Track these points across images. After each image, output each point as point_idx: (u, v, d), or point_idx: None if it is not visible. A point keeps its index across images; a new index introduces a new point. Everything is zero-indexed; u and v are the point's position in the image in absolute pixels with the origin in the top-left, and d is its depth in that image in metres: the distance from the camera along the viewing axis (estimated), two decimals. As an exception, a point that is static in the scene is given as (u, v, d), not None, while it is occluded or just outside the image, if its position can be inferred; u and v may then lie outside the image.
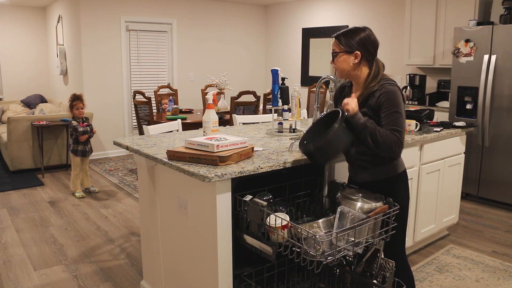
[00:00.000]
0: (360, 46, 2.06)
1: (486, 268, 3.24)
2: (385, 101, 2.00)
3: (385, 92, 2.00)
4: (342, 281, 2.15)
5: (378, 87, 2.04)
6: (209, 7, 7.72)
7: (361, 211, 1.93)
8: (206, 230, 2.12)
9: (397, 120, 1.98)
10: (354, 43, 2.06)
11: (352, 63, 2.08)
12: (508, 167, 4.51)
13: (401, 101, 2.02)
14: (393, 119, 1.98)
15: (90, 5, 6.48)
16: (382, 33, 6.46)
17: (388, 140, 1.97)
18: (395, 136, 1.97)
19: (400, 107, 2.01)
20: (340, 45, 2.08)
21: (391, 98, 1.99)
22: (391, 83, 2.05)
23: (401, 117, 2.00)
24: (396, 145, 1.98)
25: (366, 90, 2.07)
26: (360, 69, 2.10)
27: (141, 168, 2.63)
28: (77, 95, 4.79)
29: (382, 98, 2.01)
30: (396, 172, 2.14)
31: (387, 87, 2.02)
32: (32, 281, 3.06)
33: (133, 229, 3.99)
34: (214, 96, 5.62)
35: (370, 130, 1.98)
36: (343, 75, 2.14)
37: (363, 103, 2.08)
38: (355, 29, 2.09)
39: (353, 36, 2.07)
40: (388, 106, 1.99)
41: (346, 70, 2.11)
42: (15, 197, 4.88)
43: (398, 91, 2.02)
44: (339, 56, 2.09)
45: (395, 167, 2.14)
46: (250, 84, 8.32)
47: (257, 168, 2.07)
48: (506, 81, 4.44)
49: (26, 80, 8.12)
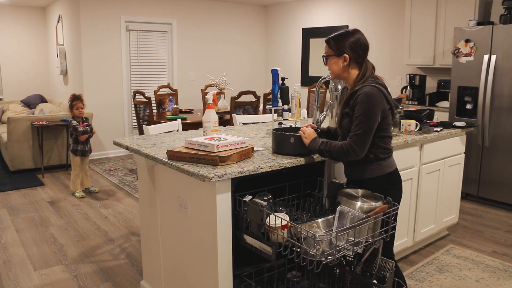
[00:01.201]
0: (348, 49, 2.13)
1: (486, 268, 3.24)
2: (358, 103, 2.06)
3: (361, 93, 2.06)
4: (342, 281, 2.15)
5: (360, 88, 2.09)
6: (209, 7, 7.72)
7: (361, 211, 1.93)
8: (206, 230, 2.12)
9: (359, 124, 2.04)
10: (342, 47, 2.14)
11: (342, 65, 2.16)
12: (508, 167, 4.51)
13: (374, 103, 2.03)
14: (356, 123, 2.06)
15: (90, 5, 6.48)
16: (382, 33, 6.46)
17: (342, 151, 2.07)
18: (349, 145, 2.05)
19: (369, 110, 2.03)
20: (330, 49, 2.18)
21: (363, 100, 2.04)
22: (371, 84, 2.07)
23: (366, 121, 2.03)
24: (350, 153, 2.06)
25: (350, 90, 2.16)
26: (350, 71, 2.17)
27: (141, 168, 2.63)
28: (77, 95, 4.79)
29: (357, 99, 2.07)
30: (383, 172, 2.17)
31: (365, 89, 2.06)
32: (32, 281, 3.06)
33: (133, 229, 3.99)
34: (214, 96, 5.62)
35: (325, 152, 2.14)
36: (335, 76, 2.25)
37: (346, 103, 2.16)
38: (345, 32, 2.16)
39: (342, 39, 2.14)
40: (358, 108, 2.06)
41: (336, 72, 2.21)
42: (15, 197, 4.88)
43: (376, 93, 2.04)
44: (330, 59, 2.20)
45: (382, 167, 2.17)
46: (250, 84, 8.32)
47: (257, 168, 2.07)
48: (506, 81, 4.44)
49: (26, 80, 8.12)
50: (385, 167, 2.17)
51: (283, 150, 2.32)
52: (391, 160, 2.21)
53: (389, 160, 2.20)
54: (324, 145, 2.14)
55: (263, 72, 8.63)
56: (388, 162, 2.19)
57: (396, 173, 2.23)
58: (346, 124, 2.15)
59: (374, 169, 2.16)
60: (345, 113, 2.16)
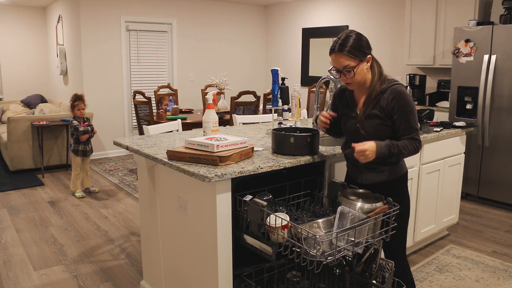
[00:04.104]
0: (367, 48, 2.04)
1: (486, 268, 3.24)
2: (398, 105, 2.00)
3: (396, 95, 2.01)
4: (342, 281, 2.15)
5: (387, 88, 2.03)
6: (209, 7, 7.72)
7: (361, 211, 1.93)
8: (206, 230, 2.12)
9: (414, 124, 2.04)
10: (364, 48, 2.01)
11: (366, 68, 2.04)
12: (508, 167, 4.51)
13: (410, 99, 2.04)
14: (411, 123, 2.02)
15: (90, 5, 6.48)
16: (382, 33, 6.46)
17: (412, 148, 2.02)
18: (416, 141, 2.03)
19: (412, 107, 2.04)
20: (354, 58, 1.98)
21: (403, 101, 2.01)
22: (398, 83, 2.06)
23: (416, 118, 2.05)
24: (418, 148, 2.05)
25: (374, 92, 2.05)
26: (369, 71, 2.07)
27: (141, 168, 2.63)
28: (79, 95, 4.79)
29: (394, 102, 2.00)
30: (402, 172, 2.15)
31: (397, 89, 2.02)
32: (32, 281, 3.06)
33: (133, 229, 3.99)
34: (214, 96, 5.62)
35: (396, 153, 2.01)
36: (360, 85, 2.08)
37: (373, 105, 2.05)
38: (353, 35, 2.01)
39: (359, 42, 2.00)
40: (402, 110, 2.01)
41: (362, 79, 2.05)
42: (15, 197, 4.88)
43: (406, 91, 2.05)
44: (357, 68, 2.00)
45: (401, 167, 2.15)
46: (250, 84, 8.32)
47: (257, 168, 2.07)
48: (506, 81, 4.44)
49: (26, 80, 8.11)
50: (403, 166, 2.16)
51: (283, 150, 2.32)
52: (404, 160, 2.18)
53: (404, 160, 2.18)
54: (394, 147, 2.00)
55: (263, 72, 8.63)
56: (404, 162, 2.18)
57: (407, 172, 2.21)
58: (375, 126, 2.05)
59: (397, 170, 2.13)
60: (374, 115, 2.04)
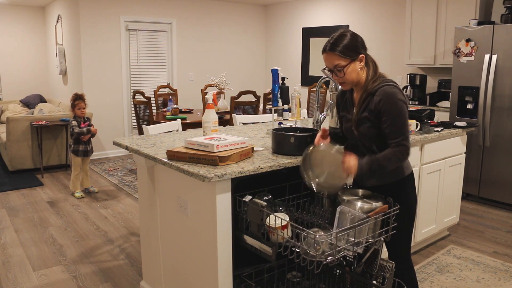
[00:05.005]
0: (362, 48, 1.99)
1: (487, 268, 3.23)
2: (385, 108, 1.92)
3: (383, 96, 1.92)
4: (342, 282, 2.14)
5: (377, 88, 1.96)
6: (209, 7, 7.71)
7: (361, 211, 1.92)
8: (206, 230, 2.11)
9: (401, 128, 1.92)
10: (357, 48, 1.96)
11: (359, 68, 1.99)
12: (509, 167, 4.50)
13: (400, 103, 1.93)
14: (398, 127, 1.92)
15: (90, 5, 6.47)
16: (383, 33, 6.45)
17: (396, 159, 1.93)
18: (401, 149, 1.92)
19: (400, 110, 1.92)
20: (344, 57, 1.95)
21: (391, 103, 1.91)
22: (389, 84, 1.96)
23: (404, 121, 1.93)
24: (404, 155, 1.94)
25: (365, 93, 2.00)
26: (364, 71, 2.02)
27: (140, 168, 2.62)
28: (79, 95, 4.78)
29: (381, 103, 1.92)
30: (404, 174, 2.09)
31: (386, 90, 1.93)
32: (31, 281, 3.05)
33: (132, 229, 3.98)
34: (214, 96, 5.61)
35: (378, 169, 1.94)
36: (354, 84, 2.04)
37: (364, 108, 2.00)
38: (345, 34, 1.97)
39: (353, 41, 1.96)
40: (389, 113, 1.91)
41: (355, 79, 2.00)
42: (14, 197, 4.87)
43: (397, 92, 1.94)
44: (347, 67, 1.96)
45: (402, 169, 2.08)
46: (250, 84, 8.31)
47: (257, 168, 2.06)
48: (507, 81, 4.43)
49: (25, 79, 8.11)
50: (405, 169, 2.09)
51: (283, 150, 2.31)
52: (409, 161, 2.09)
53: (408, 161, 2.09)
54: (374, 162, 1.93)
55: (263, 72, 8.62)
56: (408, 164, 2.10)
57: (413, 174, 2.14)
58: (367, 130, 2.00)
59: (397, 173, 2.06)
60: (364, 118, 1.99)
